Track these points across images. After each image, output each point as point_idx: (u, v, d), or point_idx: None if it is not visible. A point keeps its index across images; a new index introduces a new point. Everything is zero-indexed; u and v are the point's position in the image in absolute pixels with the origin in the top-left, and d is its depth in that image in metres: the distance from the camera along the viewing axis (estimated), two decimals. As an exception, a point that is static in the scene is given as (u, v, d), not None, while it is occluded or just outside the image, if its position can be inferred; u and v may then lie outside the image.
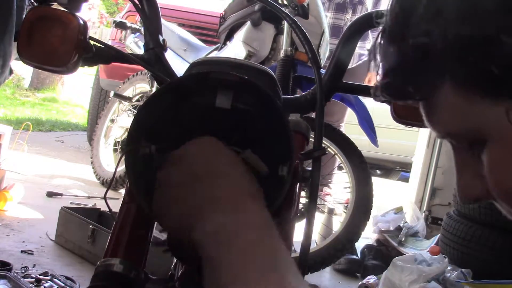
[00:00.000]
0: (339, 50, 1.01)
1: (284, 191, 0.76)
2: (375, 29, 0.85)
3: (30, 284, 1.95)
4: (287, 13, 1.02)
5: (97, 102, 5.31)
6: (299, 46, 2.49)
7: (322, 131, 0.89)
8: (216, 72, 0.79)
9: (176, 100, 0.80)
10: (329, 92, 1.01)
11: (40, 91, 9.99)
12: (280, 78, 2.37)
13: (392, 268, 2.37)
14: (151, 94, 0.80)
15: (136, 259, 0.84)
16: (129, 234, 0.85)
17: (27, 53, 0.94)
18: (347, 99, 2.55)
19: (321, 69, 0.99)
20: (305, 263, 0.84)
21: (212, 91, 0.78)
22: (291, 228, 0.88)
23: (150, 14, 1.00)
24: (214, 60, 0.94)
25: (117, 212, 0.87)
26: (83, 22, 0.94)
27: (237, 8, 3.09)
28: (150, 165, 0.77)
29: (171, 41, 3.69)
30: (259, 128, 0.78)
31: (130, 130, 0.78)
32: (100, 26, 12.23)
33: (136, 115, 0.78)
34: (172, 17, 4.66)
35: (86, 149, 5.40)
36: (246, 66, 0.91)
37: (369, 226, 2.80)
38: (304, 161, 0.91)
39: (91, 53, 0.95)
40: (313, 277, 2.66)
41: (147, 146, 0.77)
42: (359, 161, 2.65)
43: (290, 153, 0.76)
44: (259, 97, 0.78)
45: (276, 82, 0.93)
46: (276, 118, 0.78)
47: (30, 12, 0.95)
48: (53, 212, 2.74)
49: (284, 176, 0.75)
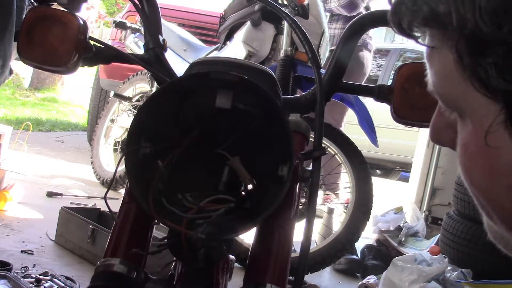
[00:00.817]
0: (339, 50, 1.01)
1: (284, 191, 0.76)
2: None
3: (30, 284, 1.95)
4: (287, 13, 1.02)
5: (97, 102, 5.30)
6: (299, 46, 2.48)
7: (322, 131, 0.89)
8: (215, 72, 0.79)
9: (176, 101, 0.80)
10: (329, 92, 1.00)
11: (40, 91, 9.99)
12: (280, 78, 2.37)
13: (392, 268, 2.37)
14: (151, 95, 0.80)
15: (136, 259, 0.84)
16: (129, 234, 0.85)
17: (27, 53, 0.94)
18: (347, 99, 2.55)
19: (321, 69, 0.99)
20: (305, 263, 0.84)
21: (212, 91, 0.78)
22: (291, 228, 0.88)
23: (150, 14, 1.00)
24: (213, 60, 0.94)
25: (117, 212, 0.87)
26: (83, 22, 0.94)
27: (237, 8, 3.08)
28: (150, 165, 0.77)
29: (171, 41, 3.69)
30: (259, 128, 0.78)
31: (130, 130, 0.78)
32: (100, 26, 12.23)
33: (135, 115, 0.78)
34: (172, 17, 4.66)
35: (86, 149, 5.40)
36: (246, 66, 0.91)
37: (369, 226, 2.80)
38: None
39: (91, 53, 0.95)
40: (313, 277, 2.66)
41: (147, 146, 0.77)
42: (359, 161, 2.65)
43: (290, 153, 0.76)
44: (259, 97, 0.78)
45: (276, 82, 0.93)
46: (276, 118, 0.78)
47: (30, 12, 0.95)
48: (53, 212, 2.73)
49: (284, 176, 0.75)
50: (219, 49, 3.25)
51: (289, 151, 0.76)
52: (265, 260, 0.84)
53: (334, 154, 2.76)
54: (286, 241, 0.86)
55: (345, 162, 2.67)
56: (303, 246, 0.85)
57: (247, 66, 0.92)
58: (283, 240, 0.86)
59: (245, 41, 2.88)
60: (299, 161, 0.87)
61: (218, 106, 0.77)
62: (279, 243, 0.86)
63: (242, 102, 0.78)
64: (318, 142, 0.89)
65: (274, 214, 0.83)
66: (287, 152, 0.76)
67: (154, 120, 0.79)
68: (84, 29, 0.94)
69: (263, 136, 0.78)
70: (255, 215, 0.76)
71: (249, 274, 0.85)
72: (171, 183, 0.78)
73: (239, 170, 0.75)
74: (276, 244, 0.85)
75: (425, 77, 0.51)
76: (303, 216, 2.94)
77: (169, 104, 0.79)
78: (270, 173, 0.76)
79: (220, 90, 0.77)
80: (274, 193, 0.76)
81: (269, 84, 0.89)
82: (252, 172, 0.77)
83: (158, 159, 0.76)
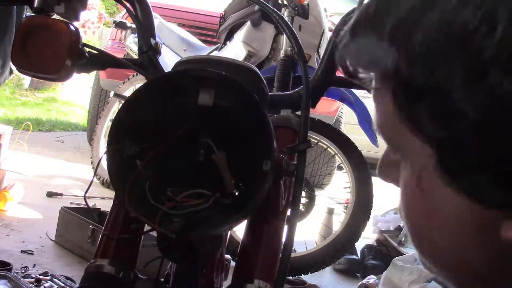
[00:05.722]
0: (332, 44, 1.01)
1: (266, 185, 0.76)
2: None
3: (30, 284, 1.95)
4: (271, 7, 1.01)
5: (97, 102, 5.30)
6: (299, 46, 2.48)
7: (307, 124, 0.89)
8: (194, 69, 0.79)
9: (161, 100, 0.80)
10: (322, 87, 1.00)
11: (40, 91, 9.99)
12: (280, 78, 2.37)
13: (392, 268, 2.37)
14: (131, 94, 0.80)
15: (126, 260, 0.85)
16: (119, 235, 0.86)
17: (21, 62, 0.96)
18: (347, 99, 2.55)
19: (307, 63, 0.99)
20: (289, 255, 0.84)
21: (195, 89, 0.78)
22: (280, 224, 0.88)
23: (143, 18, 1.01)
24: (197, 59, 0.94)
25: (98, 208, 0.87)
26: (75, 30, 0.95)
27: (237, 8, 3.08)
28: (133, 165, 0.77)
29: (171, 41, 3.69)
30: (241, 124, 0.78)
31: (112, 129, 0.78)
32: (100, 26, 12.23)
33: (116, 115, 0.79)
34: (172, 17, 4.65)
35: (86, 149, 5.40)
36: (227, 63, 0.91)
37: (369, 226, 2.80)
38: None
39: (84, 60, 0.96)
40: (313, 277, 2.65)
41: (132, 146, 0.77)
42: (359, 161, 2.65)
43: (270, 148, 0.76)
44: (240, 94, 0.78)
45: (261, 78, 0.92)
46: (256, 113, 0.78)
47: (23, 22, 0.97)
48: (53, 212, 2.73)
49: (268, 170, 0.75)
50: (219, 49, 3.25)
51: (270, 146, 0.76)
52: (253, 256, 0.85)
53: (334, 154, 2.76)
54: (275, 237, 0.87)
55: (345, 162, 2.67)
56: (287, 239, 0.85)
57: (228, 62, 0.92)
58: (271, 236, 0.86)
59: (245, 41, 2.88)
60: (283, 155, 0.86)
61: (200, 104, 0.77)
62: (268, 239, 0.86)
63: (224, 99, 0.78)
64: (303, 136, 0.89)
65: (261, 210, 0.83)
66: (268, 147, 0.76)
67: (137, 119, 0.79)
68: (77, 36, 0.95)
69: (247, 132, 0.78)
70: (237, 211, 0.75)
71: (238, 270, 0.85)
72: (155, 179, 0.77)
73: (222, 168, 0.75)
74: (265, 240, 0.86)
75: None
76: (304, 216, 2.94)
77: (152, 103, 0.79)
78: (255, 168, 0.76)
79: (202, 88, 0.77)
80: (258, 188, 0.75)
81: (252, 81, 0.89)
82: (238, 167, 0.76)
83: (140, 157, 0.76)
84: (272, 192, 0.85)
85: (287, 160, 0.85)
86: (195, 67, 0.85)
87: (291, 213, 0.87)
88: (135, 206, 0.74)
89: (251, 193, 0.75)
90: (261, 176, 0.75)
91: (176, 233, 0.71)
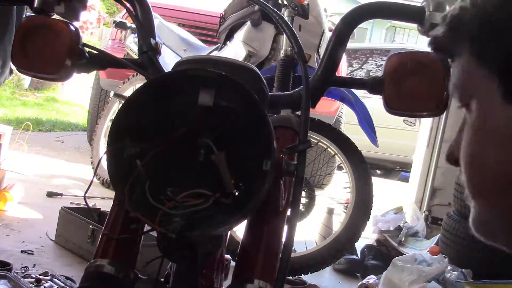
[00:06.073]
0: (332, 44, 1.01)
1: (266, 185, 0.76)
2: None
3: (30, 284, 1.95)
4: (271, 7, 1.01)
5: (97, 102, 5.30)
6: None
7: (308, 124, 0.89)
8: (193, 69, 0.79)
9: (161, 100, 0.80)
10: (322, 86, 1.00)
11: (40, 91, 9.99)
12: (280, 78, 2.37)
13: (392, 268, 2.37)
14: (131, 94, 0.80)
15: (126, 260, 0.85)
16: (119, 235, 0.86)
17: (21, 62, 0.96)
18: (347, 99, 2.55)
19: (307, 63, 0.98)
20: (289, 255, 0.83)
21: (195, 89, 0.78)
22: (280, 224, 0.88)
23: (143, 18, 1.01)
24: (197, 59, 0.94)
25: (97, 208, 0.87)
26: (75, 30, 0.95)
27: (237, 8, 3.08)
28: (133, 165, 0.77)
29: (171, 41, 3.69)
30: (241, 124, 0.78)
31: (112, 129, 0.78)
32: (100, 27, 12.23)
33: (116, 115, 0.79)
34: (172, 17, 4.65)
35: (86, 149, 5.40)
36: (227, 63, 0.91)
37: (369, 226, 2.80)
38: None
39: (84, 60, 0.96)
40: (313, 277, 2.65)
41: (132, 146, 0.77)
42: (359, 161, 2.64)
43: (270, 148, 0.76)
44: (240, 94, 0.78)
45: (261, 78, 0.92)
46: (257, 113, 0.78)
47: (23, 22, 0.97)
48: (53, 212, 2.73)
49: (268, 170, 0.75)
50: (219, 49, 3.25)
51: (270, 146, 0.76)
52: (253, 256, 0.85)
53: (334, 154, 2.76)
54: (275, 237, 0.86)
55: (345, 162, 2.67)
56: (287, 239, 0.85)
57: (230, 63, 0.92)
58: (271, 236, 0.86)
59: (245, 41, 2.88)
60: (283, 155, 0.86)
61: (200, 104, 0.77)
62: (267, 239, 0.86)
63: (224, 99, 0.78)
64: (303, 136, 0.88)
65: (261, 210, 0.83)
66: (268, 147, 0.76)
67: (137, 119, 0.79)
68: (77, 36, 0.95)
69: (247, 132, 0.78)
70: (237, 211, 0.75)
71: (238, 270, 0.85)
72: (155, 179, 0.77)
73: (222, 169, 0.75)
74: (265, 240, 0.86)
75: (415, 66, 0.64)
76: (304, 216, 2.93)
77: (152, 103, 0.79)
78: (255, 168, 0.76)
79: (202, 88, 0.77)
80: (257, 188, 0.75)
81: (252, 80, 0.89)
82: (238, 167, 0.76)
83: (140, 157, 0.76)
84: (272, 192, 0.85)
85: (287, 160, 0.85)
86: (195, 67, 0.85)
87: (291, 213, 0.86)
88: (135, 206, 0.74)
89: (251, 193, 0.75)
90: (261, 176, 0.75)
91: (176, 233, 0.71)
